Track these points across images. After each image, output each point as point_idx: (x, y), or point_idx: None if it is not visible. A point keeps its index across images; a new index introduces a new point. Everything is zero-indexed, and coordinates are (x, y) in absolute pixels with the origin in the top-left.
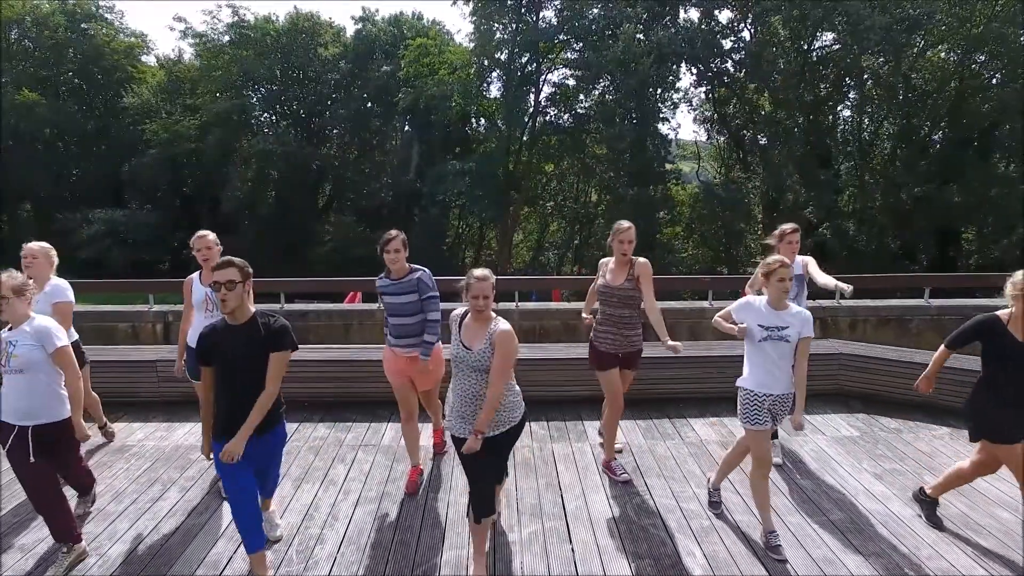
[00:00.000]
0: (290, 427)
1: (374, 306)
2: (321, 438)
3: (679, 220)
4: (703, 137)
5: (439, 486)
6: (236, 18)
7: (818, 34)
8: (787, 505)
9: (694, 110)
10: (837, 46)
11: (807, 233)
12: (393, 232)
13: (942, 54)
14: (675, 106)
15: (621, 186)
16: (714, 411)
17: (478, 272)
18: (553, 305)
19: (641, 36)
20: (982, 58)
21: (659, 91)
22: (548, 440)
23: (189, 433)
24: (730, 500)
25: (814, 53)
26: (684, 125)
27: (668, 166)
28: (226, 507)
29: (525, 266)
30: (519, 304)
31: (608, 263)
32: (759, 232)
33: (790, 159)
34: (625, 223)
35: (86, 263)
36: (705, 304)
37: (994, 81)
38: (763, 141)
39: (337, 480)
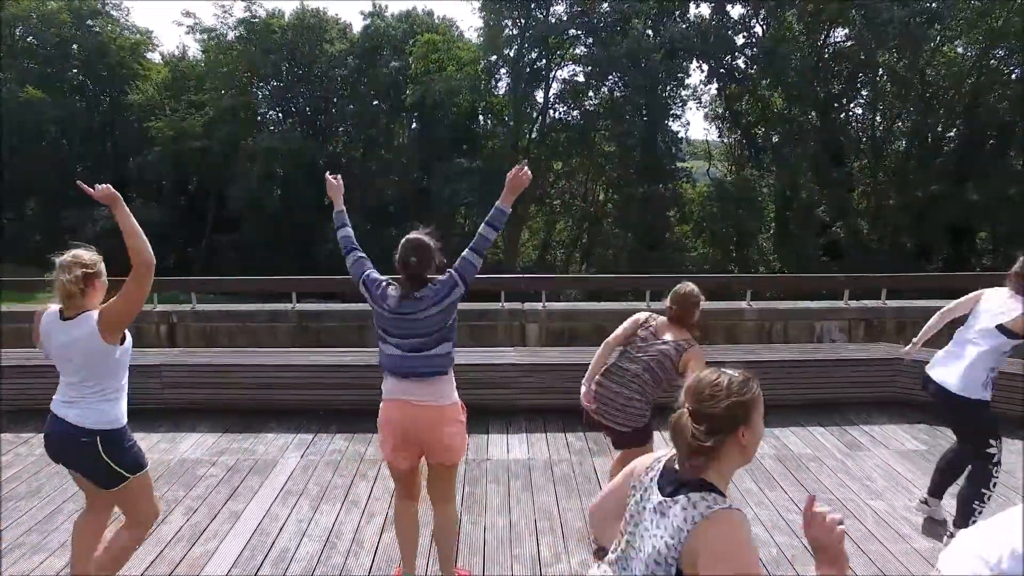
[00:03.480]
0: (304, 440)
1: None
2: (339, 451)
3: (689, 219)
4: (713, 135)
5: (471, 507)
6: (248, 13)
7: (832, 29)
8: (862, 530)
9: (704, 107)
10: (850, 42)
11: (820, 231)
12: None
13: (959, 49)
14: (684, 103)
15: (631, 184)
16: (764, 420)
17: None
18: (583, 305)
19: (651, 32)
20: (1000, 53)
21: (669, 87)
22: (587, 454)
23: (196, 445)
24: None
25: (828, 49)
26: (693, 123)
27: (679, 163)
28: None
29: (532, 265)
30: (546, 304)
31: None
32: (771, 231)
33: (804, 157)
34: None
35: None
36: (743, 304)
37: (1013, 77)
38: (776, 139)
39: (359, 500)
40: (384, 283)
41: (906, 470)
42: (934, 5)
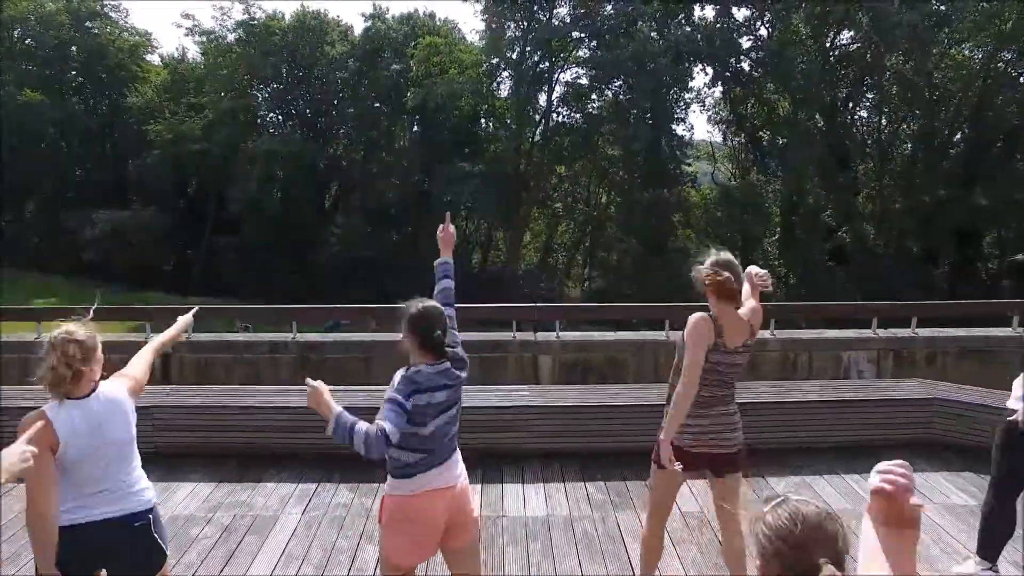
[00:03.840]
0: (306, 491)
1: (399, 336)
2: (344, 506)
3: (694, 224)
4: (717, 138)
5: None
6: (247, 15)
7: (839, 32)
8: None
9: (707, 110)
10: (856, 45)
11: (826, 236)
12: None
13: (966, 52)
14: (687, 106)
15: (635, 188)
16: (794, 466)
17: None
18: (597, 335)
19: (655, 34)
20: (1008, 56)
21: (673, 91)
22: (610, 507)
23: (189, 498)
24: None
25: (834, 52)
26: (696, 125)
27: (685, 167)
28: None
29: (533, 267)
30: (560, 335)
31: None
32: (777, 236)
33: (810, 161)
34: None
35: (90, 265)
36: (766, 334)
37: (1022, 80)
38: (781, 142)
39: (366, 568)
40: (417, 371)
41: (956, 530)
42: (943, 8)
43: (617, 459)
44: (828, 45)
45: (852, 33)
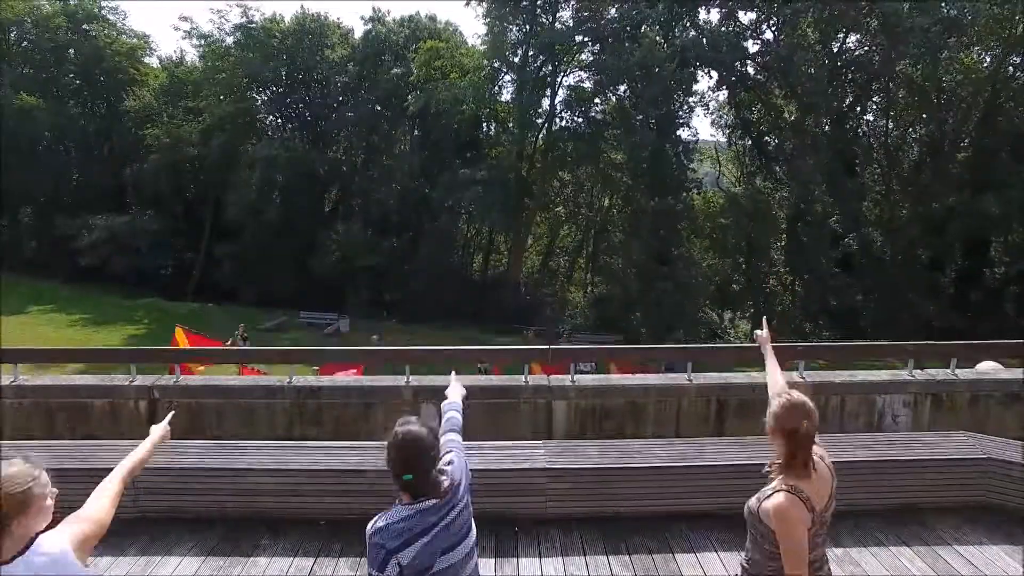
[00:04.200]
0: (303, 567)
1: (400, 380)
2: None
3: (700, 231)
4: (721, 139)
5: None
6: (245, 19)
7: (847, 37)
8: None
9: (711, 114)
10: (864, 48)
11: (833, 244)
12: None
13: (975, 56)
14: (691, 110)
15: (640, 194)
16: (833, 535)
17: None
18: (615, 379)
19: (660, 39)
20: (1017, 60)
21: (677, 95)
22: None
23: (178, 574)
24: None
25: (842, 56)
26: (699, 127)
27: (690, 172)
28: None
29: (535, 271)
30: (575, 379)
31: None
32: (783, 242)
33: (818, 167)
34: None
35: (87, 270)
36: (795, 376)
37: None
38: (788, 146)
39: None
40: (384, 528)
41: None
42: (952, 12)
43: (641, 525)
44: (836, 49)
45: (859, 37)
